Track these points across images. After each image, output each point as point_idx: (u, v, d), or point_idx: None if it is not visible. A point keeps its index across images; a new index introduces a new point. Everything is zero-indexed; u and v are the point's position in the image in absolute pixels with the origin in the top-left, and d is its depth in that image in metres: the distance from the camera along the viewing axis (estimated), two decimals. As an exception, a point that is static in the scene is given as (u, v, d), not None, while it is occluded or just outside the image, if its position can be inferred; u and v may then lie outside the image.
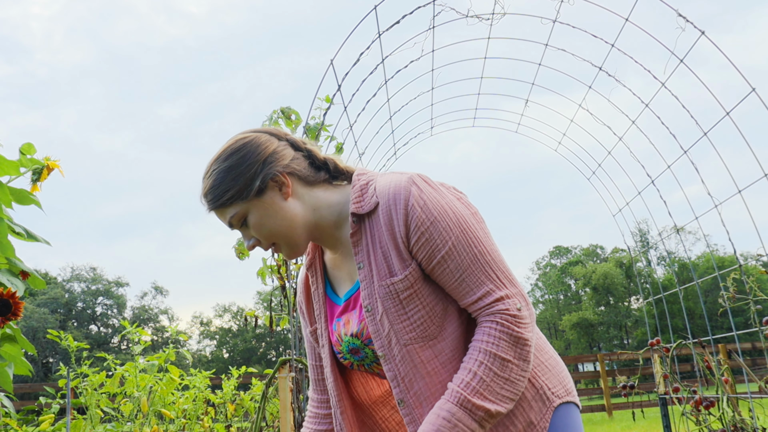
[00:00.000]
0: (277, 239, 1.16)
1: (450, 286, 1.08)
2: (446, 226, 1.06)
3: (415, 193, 1.07)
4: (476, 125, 4.42)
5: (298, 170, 1.16)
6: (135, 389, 3.48)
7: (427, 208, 1.07)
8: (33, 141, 1.69)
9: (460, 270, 1.06)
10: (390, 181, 1.11)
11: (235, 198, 1.12)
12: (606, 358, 10.82)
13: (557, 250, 51.76)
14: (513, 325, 1.04)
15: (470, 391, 1.01)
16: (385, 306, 1.09)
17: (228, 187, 1.12)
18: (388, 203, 1.09)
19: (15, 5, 57.80)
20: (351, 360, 1.21)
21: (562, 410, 1.12)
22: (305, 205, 1.16)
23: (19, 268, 1.64)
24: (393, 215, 1.08)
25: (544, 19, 3.17)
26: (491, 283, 1.06)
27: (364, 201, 1.12)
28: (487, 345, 1.03)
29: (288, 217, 1.14)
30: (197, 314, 47.25)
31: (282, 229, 1.14)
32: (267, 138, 1.17)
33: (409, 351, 1.08)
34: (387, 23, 2.95)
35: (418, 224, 1.06)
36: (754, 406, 2.86)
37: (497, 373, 1.02)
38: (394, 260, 1.09)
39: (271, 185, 1.13)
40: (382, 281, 1.09)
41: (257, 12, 65.08)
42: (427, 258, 1.07)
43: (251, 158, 1.13)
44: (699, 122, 2.99)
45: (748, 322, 2.95)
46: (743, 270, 2.86)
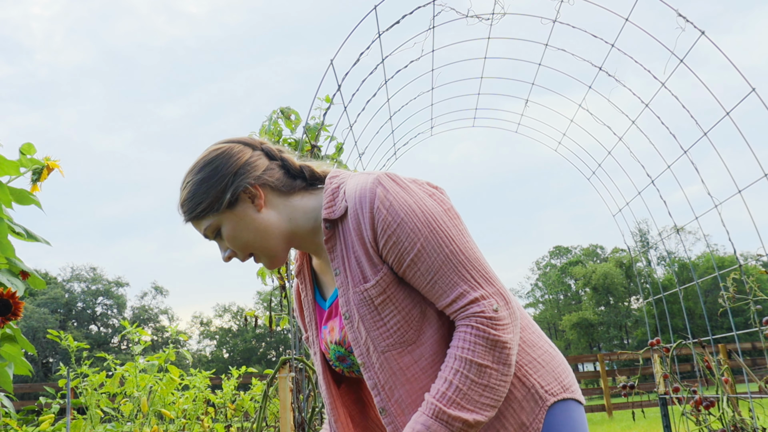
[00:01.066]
0: (252, 250, 1.14)
1: (423, 289, 1.04)
2: (414, 227, 1.02)
3: (380, 194, 1.03)
4: (476, 125, 4.42)
5: (271, 180, 1.14)
6: (135, 389, 3.48)
7: (393, 209, 1.03)
8: (33, 141, 1.70)
9: (431, 272, 1.02)
10: (357, 183, 1.08)
11: (208, 210, 1.11)
12: (606, 358, 10.82)
13: (557, 250, 51.76)
14: (489, 328, 0.98)
15: (446, 401, 0.97)
16: (360, 313, 1.06)
17: (201, 199, 1.11)
18: (355, 207, 1.05)
19: (15, 6, 57.82)
20: (341, 367, 1.18)
21: (557, 409, 1.08)
22: (280, 214, 1.14)
23: (19, 268, 1.64)
24: (360, 219, 1.04)
25: (544, 19, 3.17)
26: (465, 284, 1.01)
27: (335, 206, 1.09)
28: (462, 351, 0.98)
29: (261, 229, 1.12)
30: (197, 314, 47.27)
31: (256, 240, 1.13)
32: (240, 149, 1.15)
33: (387, 358, 1.05)
34: (387, 23, 2.95)
35: (384, 226, 1.02)
36: (754, 406, 2.86)
37: (474, 380, 0.97)
38: (366, 265, 1.05)
39: (243, 197, 1.11)
40: (356, 287, 1.06)
41: (257, 12, 65.09)
42: (397, 261, 1.03)
43: (222, 170, 1.11)
44: (699, 122, 2.99)
45: (748, 322, 2.95)
46: (743, 270, 2.86)
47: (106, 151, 62.40)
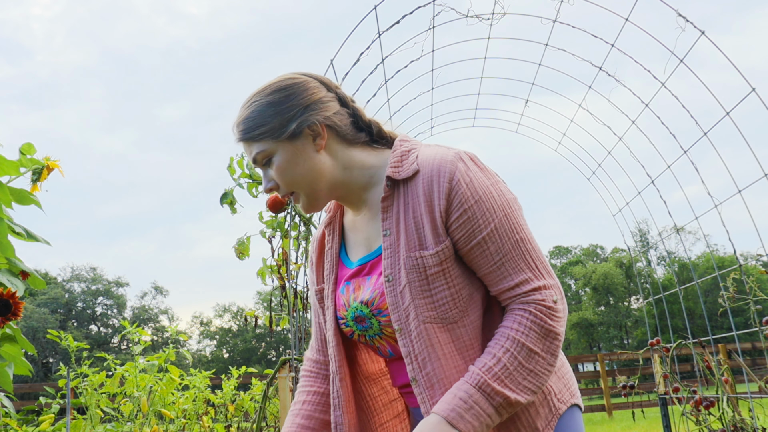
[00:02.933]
0: (297, 188, 1.12)
1: (486, 270, 1.04)
2: (490, 208, 1.02)
3: (462, 169, 1.03)
4: (476, 125, 4.42)
5: (338, 125, 1.13)
6: (135, 389, 3.48)
7: (472, 186, 1.02)
8: (34, 142, 1.69)
9: (500, 254, 1.02)
10: (436, 153, 1.06)
11: (267, 135, 1.09)
12: (606, 358, 10.82)
13: (557, 250, 51.76)
14: (546, 317, 1.00)
15: (491, 375, 0.97)
16: (409, 278, 1.04)
17: (263, 122, 1.09)
18: (430, 173, 1.04)
19: (16, 6, 57.82)
20: (353, 328, 1.15)
21: (566, 416, 1.10)
22: (337, 161, 1.13)
23: (19, 268, 1.64)
24: (434, 187, 1.03)
25: (544, 19, 3.17)
26: (530, 271, 1.02)
27: (402, 167, 1.08)
28: (516, 333, 0.99)
29: (315, 169, 1.10)
30: (197, 314, 47.27)
31: (305, 179, 1.11)
32: (316, 85, 1.13)
33: (426, 329, 1.03)
34: (387, 23, 2.95)
35: (461, 201, 1.02)
36: (754, 406, 2.86)
37: (522, 362, 0.98)
38: (428, 233, 1.03)
39: (307, 133, 1.10)
40: (410, 252, 1.04)
41: (257, 13, 65.09)
42: (466, 237, 1.02)
43: (294, 100, 1.10)
44: (699, 122, 2.99)
45: (748, 322, 2.95)
46: (743, 270, 2.86)
47: (107, 151, 62.44)
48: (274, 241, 3.18)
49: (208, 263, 65.69)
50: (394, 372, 1.19)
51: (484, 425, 0.96)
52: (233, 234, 43.95)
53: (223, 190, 3.29)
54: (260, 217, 3.24)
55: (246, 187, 3.30)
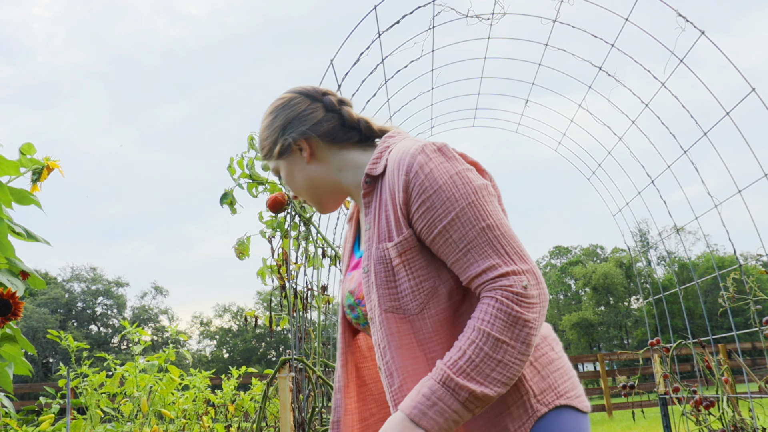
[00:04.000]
0: (301, 196, 1.25)
1: (452, 259, 1.02)
2: (451, 196, 1.01)
3: (421, 160, 1.04)
4: (476, 125, 4.42)
5: (323, 133, 1.20)
6: (135, 389, 3.48)
7: (432, 176, 1.02)
8: (34, 142, 1.69)
9: (464, 241, 1.00)
10: (402, 147, 1.09)
11: (268, 155, 1.24)
12: (606, 358, 10.82)
13: (557, 250, 51.75)
14: (514, 304, 0.95)
15: (456, 369, 0.94)
16: (376, 269, 1.08)
17: (263, 144, 1.25)
18: (392, 167, 1.08)
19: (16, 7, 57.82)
20: (350, 316, 1.22)
21: (548, 418, 1.02)
22: (329, 166, 1.21)
23: (19, 268, 1.64)
24: (395, 179, 1.06)
25: (544, 19, 3.17)
26: (498, 257, 0.99)
27: (379, 163, 1.13)
28: (480, 323, 0.96)
29: (308, 179, 1.21)
30: (197, 314, 47.26)
31: (304, 188, 1.23)
32: (299, 101, 1.22)
33: (387, 318, 1.05)
34: (387, 23, 2.95)
35: (420, 191, 1.02)
36: (754, 406, 2.86)
37: (488, 353, 0.94)
38: (393, 225, 1.07)
39: (293, 148, 1.20)
40: (379, 244, 1.08)
41: (257, 13, 65.09)
42: (428, 227, 1.03)
43: (276, 121, 1.21)
44: (699, 122, 2.99)
45: (748, 322, 2.95)
46: (743, 270, 2.86)
47: (107, 152, 62.44)
48: (274, 241, 3.18)
49: (208, 263, 65.71)
50: None
51: (450, 421, 0.94)
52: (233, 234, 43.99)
53: (223, 190, 3.29)
54: (260, 217, 3.24)
55: (246, 187, 3.30)
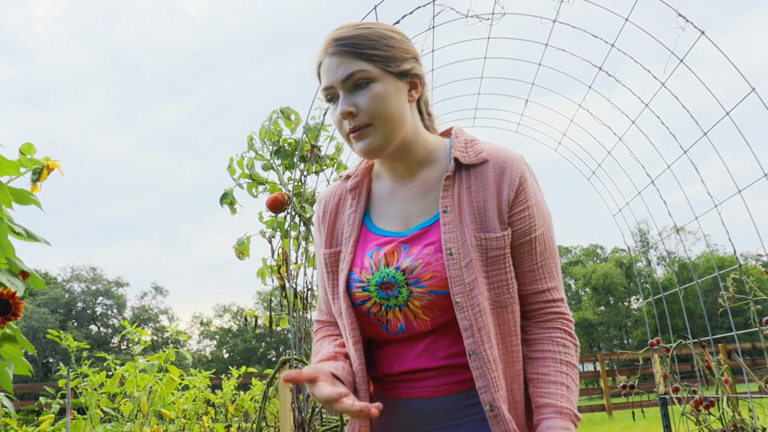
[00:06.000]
0: (379, 123, 1.08)
1: (528, 267, 1.11)
2: (542, 214, 1.13)
3: (529, 171, 1.14)
4: (476, 125, 4.42)
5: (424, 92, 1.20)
6: (135, 389, 3.48)
7: (533, 190, 1.12)
8: (35, 142, 1.70)
9: (542, 256, 1.11)
10: (505, 150, 1.14)
11: (380, 60, 1.08)
12: (606, 358, 10.82)
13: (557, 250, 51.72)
14: (572, 331, 1.11)
15: (572, 404, 1.05)
16: (474, 255, 1.07)
17: (381, 47, 1.09)
18: (503, 165, 1.11)
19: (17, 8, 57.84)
20: (371, 293, 1.11)
21: None
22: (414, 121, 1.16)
23: (19, 268, 1.64)
24: (505, 177, 1.10)
25: (544, 19, 3.17)
26: (557, 281, 1.13)
27: (468, 153, 1.14)
28: (565, 356, 1.08)
29: (403, 113, 1.11)
30: (197, 314, 47.26)
31: (392, 119, 1.09)
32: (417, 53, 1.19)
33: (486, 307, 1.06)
34: (387, 23, 2.95)
35: (526, 197, 1.10)
36: (754, 406, 2.86)
37: (574, 379, 1.08)
38: (492, 218, 1.08)
39: (409, 80, 1.14)
40: (477, 232, 1.08)
41: (258, 14, 65.10)
42: (523, 232, 1.10)
43: (410, 46, 1.16)
44: (699, 122, 2.99)
45: (748, 322, 2.95)
46: (743, 270, 2.86)
47: (108, 152, 62.45)
48: (274, 241, 3.18)
49: (208, 263, 65.73)
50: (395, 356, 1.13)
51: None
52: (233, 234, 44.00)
53: (223, 191, 3.29)
54: (260, 217, 3.24)
55: (246, 187, 3.31)
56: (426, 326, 1.09)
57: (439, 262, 1.06)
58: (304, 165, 3.19)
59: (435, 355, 1.09)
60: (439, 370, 1.09)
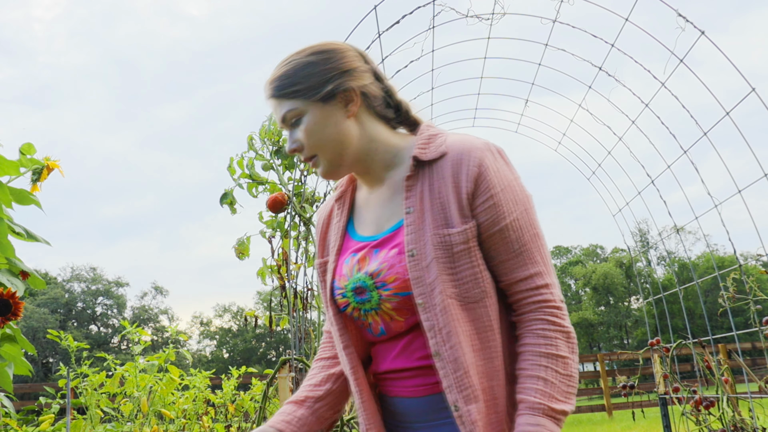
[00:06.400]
0: (321, 152, 1.12)
1: (504, 257, 1.06)
2: (513, 199, 1.06)
3: (490, 157, 1.07)
4: (476, 125, 4.42)
5: (371, 96, 1.14)
6: (135, 389, 3.48)
7: (499, 175, 1.06)
8: (35, 142, 1.70)
9: (519, 243, 1.05)
10: (464, 139, 1.10)
11: (301, 94, 1.10)
12: (606, 358, 10.82)
13: (557, 250, 51.74)
14: (560, 319, 1.04)
15: (548, 398, 1.00)
16: (436, 254, 1.04)
17: (300, 80, 1.10)
18: (459, 156, 1.06)
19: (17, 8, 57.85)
20: (350, 299, 1.14)
21: None
22: (364, 131, 1.13)
23: (19, 268, 1.64)
24: (462, 169, 1.05)
25: (544, 19, 3.17)
26: (542, 265, 1.06)
27: (428, 149, 1.10)
28: (545, 348, 1.02)
29: (342, 134, 1.11)
30: (197, 314, 47.25)
31: (331, 143, 1.11)
32: (355, 54, 1.15)
33: (450, 304, 1.03)
34: (387, 23, 2.95)
35: (488, 186, 1.04)
36: (754, 406, 2.86)
37: (561, 372, 1.02)
38: (454, 213, 1.05)
39: (340, 97, 1.11)
40: (437, 230, 1.05)
41: (258, 14, 65.12)
42: (490, 223, 1.05)
43: (333, 63, 1.11)
44: (699, 122, 2.99)
45: (748, 322, 2.95)
46: (743, 270, 2.86)
47: (108, 152, 62.47)
48: (274, 241, 3.18)
49: (208, 263, 65.73)
50: (379, 355, 1.16)
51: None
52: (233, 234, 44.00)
53: (223, 191, 3.29)
54: (260, 217, 3.24)
55: (246, 187, 3.30)
56: (401, 327, 1.10)
57: (402, 264, 1.07)
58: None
59: (412, 356, 1.10)
60: (416, 370, 1.10)
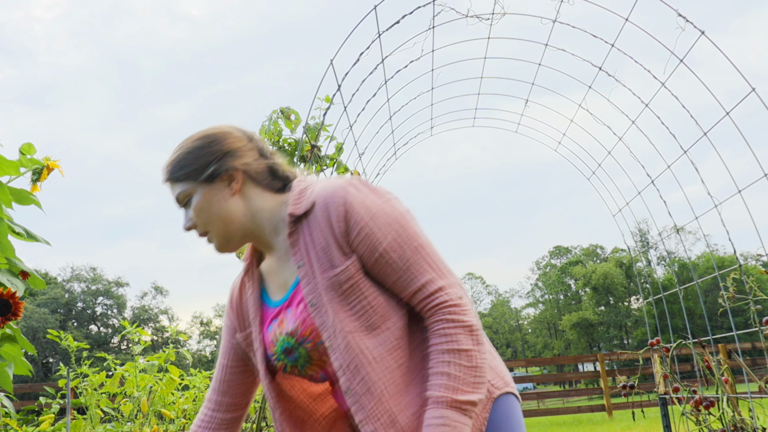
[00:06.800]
0: (210, 228, 1.21)
1: (394, 278, 1.12)
2: (385, 222, 1.12)
3: (353, 192, 1.13)
4: (476, 125, 4.42)
5: (254, 173, 1.22)
6: (135, 389, 3.48)
7: (365, 205, 1.12)
8: (35, 143, 1.70)
9: (403, 260, 1.11)
10: (328, 184, 1.17)
11: (187, 177, 1.20)
12: (606, 358, 10.81)
13: (557, 250, 51.74)
14: (460, 315, 1.09)
15: (452, 391, 1.05)
16: (329, 297, 1.12)
17: (185, 164, 1.21)
18: (325, 201, 1.13)
19: (18, 8, 57.87)
20: (284, 361, 1.22)
21: (501, 401, 1.19)
22: (249, 206, 1.21)
23: (19, 268, 1.64)
24: (331, 212, 1.12)
25: (544, 19, 3.17)
26: (433, 272, 1.11)
27: (300, 203, 1.17)
28: (447, 345, 1.07)
29: (226, 211, 1.20)
30: (197, 314, 47.29)
31: (218, 221, 1.20)
32: (239, 135, 1.24)
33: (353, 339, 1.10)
34: (387, 23, 2.95)
35: (357, 219, 1.11)
36: (754, 406, 2.86)
37: (465, 365, 1.06)
38: (335, 254, 1.12)
39: (223, 177, 1.19)
40: (324, 274, 1.13)
41: (258, 15, 65.12)
42: (370, 251, 1.11)
43: (215, 146, 1.21)
44: (699, 122, 2.99)
45: (748, 322, 2.95)
46: (743, 270, 2.86)
47: (108, 152, 62.47)
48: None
49: (208, 263, 65.74)
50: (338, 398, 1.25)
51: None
52: (233, 234, 43.71)
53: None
54: (260, 217, 3.23)
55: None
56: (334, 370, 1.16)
57: (309, 315, 1.15)
58: (304, 165, 3.19)
59: None
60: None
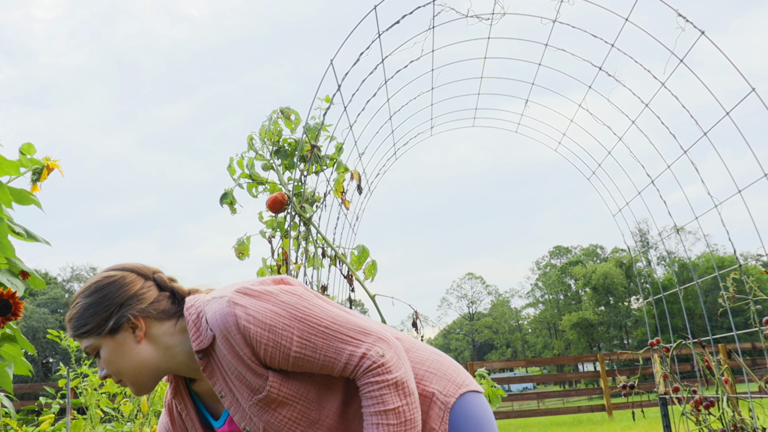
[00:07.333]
0: (124, 376, 1.21)
1: (317, 367, 1.13)
2: (283, 326, 1.11)
3: (240, 313, 1.11)
4: (476, 125, 4.42)
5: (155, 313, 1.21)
6: (135, 389, 3.47)
7: (258, 321, 1.11)
8: (35, 143, 1.69)
9: (317, 351, 1.11)
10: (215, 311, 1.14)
11: (90, 333, 1.19)
12: (606, 358, 10.81)
13: (557, 250, 51.75)
14: (384, 375, 1.09)
15: None
16: (262, 419, 1.15)
17: (85, 321, 1.19)
18: (222, 333, 1.12)
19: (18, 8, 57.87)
20: None
21: (458, 405, 1.20)
22: (158, 347, 1.21)
23: (19, 268, 1.64)
24: (232, 342, 1.12)
25: (544, 19, 3.17)
26: (349, 345, 1.12)
27: (201, 336, 1.16)
28: (375, 407, 1.09)
29: (137, 359, 1.19)
30: (197, 314, 47.12)
31: (129, 369, 1.20)
32: (132, 279, 1.23)
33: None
34: (387, 23, 2.95)
35: (257, 339, 1.10)
36: (754, 406, 2.86)
37: (393, 423, 1.08)
38: (251, 379, 1.13)
39: (125, 326, 1.19)
40: (250, 400, 1.14)
41: (258, 15, 65.12)
42: (283, 359, 1.12)
43: (110, 299, 1.19)
44: (699, 122, 2.99)
45: (748, 322, 2.95)
46: (743, 270, 2.86)
47: (108, 152, 62.49)
48: (274, 241, 3.18)
49: (208, 263, 65.74)
50: None
51: None
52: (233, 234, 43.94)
53: (223, 190, 3.29)
54: (260, 217, 3.24)
55: (246, 187, 3.31)
56: None
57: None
58: (304, 165, 3.19)
59: None
60: None
